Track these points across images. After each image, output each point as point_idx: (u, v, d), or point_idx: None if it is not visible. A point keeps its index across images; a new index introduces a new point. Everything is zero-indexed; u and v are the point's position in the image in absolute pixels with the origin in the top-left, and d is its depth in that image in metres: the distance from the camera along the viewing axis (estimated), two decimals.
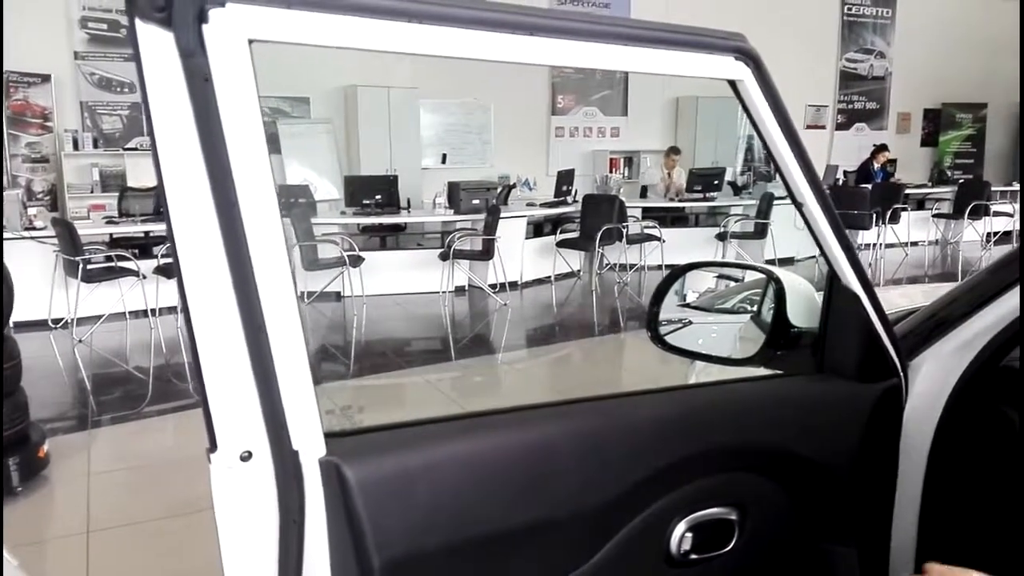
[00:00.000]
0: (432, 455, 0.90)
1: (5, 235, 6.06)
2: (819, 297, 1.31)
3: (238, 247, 0.69)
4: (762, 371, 1.32)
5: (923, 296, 1.87)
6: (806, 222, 1.15)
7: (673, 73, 0.91)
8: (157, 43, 0.64)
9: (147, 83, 0.64)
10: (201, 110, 0.65)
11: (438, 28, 0.74)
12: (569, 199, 8.78)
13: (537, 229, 8.67)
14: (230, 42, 0.65)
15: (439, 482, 0.89)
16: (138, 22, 0.63)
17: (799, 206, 1.13)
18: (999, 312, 1.24)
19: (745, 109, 1.00)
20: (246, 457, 0.80)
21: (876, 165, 10.77)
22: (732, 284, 2.00)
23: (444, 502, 0.90)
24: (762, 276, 1.51)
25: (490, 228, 7.38)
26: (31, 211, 6.56)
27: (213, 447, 0.79)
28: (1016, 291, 1.25)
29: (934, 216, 10.69)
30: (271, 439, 0.80)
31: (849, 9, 12.05)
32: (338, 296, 7.38)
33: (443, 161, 9.83)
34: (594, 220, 7.99)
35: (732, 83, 0.97)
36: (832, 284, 1.22)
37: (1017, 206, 10.70)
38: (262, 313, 0.74)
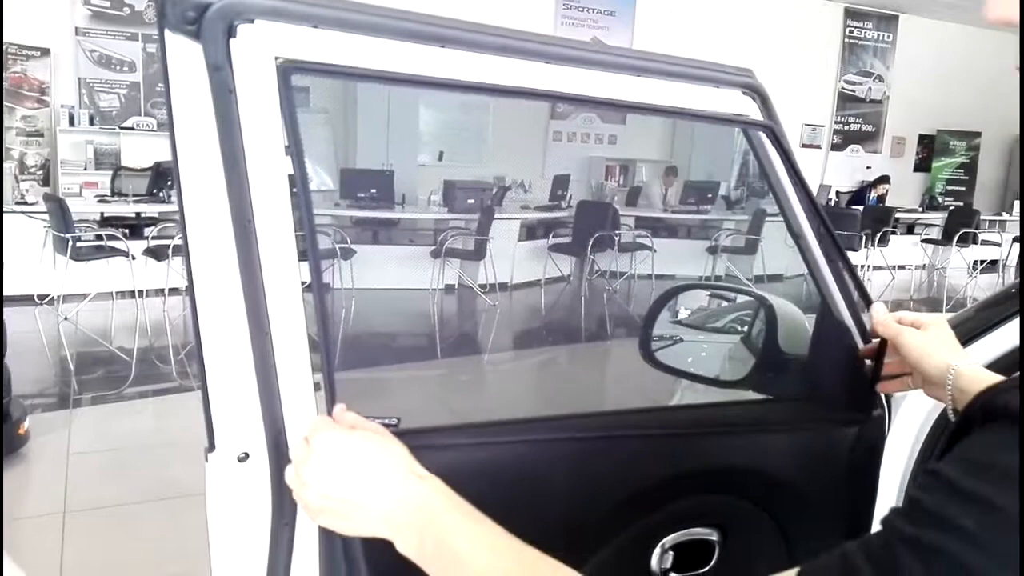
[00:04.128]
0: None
1: None
2: (808, 324, 1.33)
3: (251, 258, 0.70)
4: (750, 394, 1.35)
5: None
6: (801, 252, 1.17)
7: (681, 105, 0.93)
8: (185, 54, 0.65)
9: (172, 92, 0.66)
10: (224, 121, 0.67)
11: (462, 53, 0.76)
12: (563, 204, 8.79)
13: (530, 232, 8.69)
14: (256, 58, 0.67)
15: None
16: (168, 33, 0.64)
17: (796, 236, 1.15)
18: (985, 349, 1.27)
19: (749, 141, 1.02)
20: (243, 458, 0.81)
21: (873, 193, 10.86)
22: (724, 304, 2.02)
23: None
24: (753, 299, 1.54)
25: (483, 228, 7.39)
26: (23, 185, 6.51)
27: (211, 447, 0.80)
28: (1002, 331, 1.27)
29: (923, 241, 10.80)
30: (269, 442, 0.81)
31: (851, 31, 12.13)
32: (327, 287, 7.36)
33: (440, 159, 9.83)
34: (587, 226, 8.02)
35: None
36: (823, 313, 1.25)
37: (1006, 235, 10.80)
38: (269, 320, 0.75)
